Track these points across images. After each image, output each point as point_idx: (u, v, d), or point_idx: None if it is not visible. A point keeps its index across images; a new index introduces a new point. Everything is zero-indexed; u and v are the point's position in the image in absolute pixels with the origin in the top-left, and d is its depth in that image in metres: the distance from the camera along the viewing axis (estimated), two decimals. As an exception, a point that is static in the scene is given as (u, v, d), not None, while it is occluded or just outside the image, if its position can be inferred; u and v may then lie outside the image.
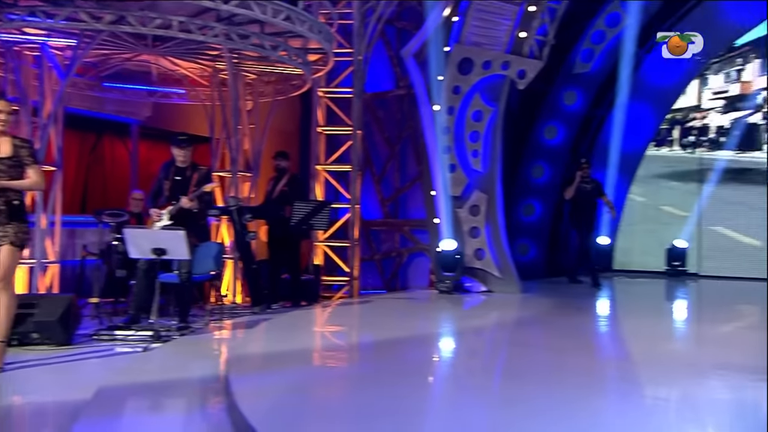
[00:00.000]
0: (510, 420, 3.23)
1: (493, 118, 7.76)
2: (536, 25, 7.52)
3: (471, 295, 7.68)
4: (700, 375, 4.32)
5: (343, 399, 3.76)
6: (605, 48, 10.10)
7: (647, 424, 3.25)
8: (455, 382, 4.34)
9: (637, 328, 6.78)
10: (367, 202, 9.65)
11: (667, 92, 10.09)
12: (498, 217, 7.81)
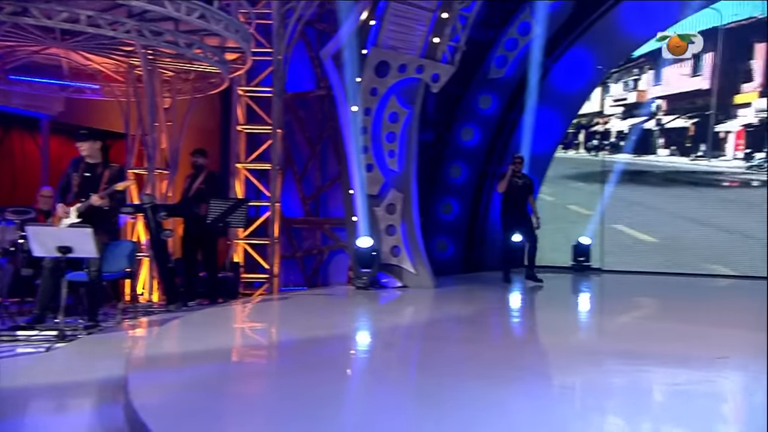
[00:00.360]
0: (424, 410, 3.30)
1: (408, 119, 7.93)
2: (449, 31, 7.73)
3: (387, 291, 7.81)
4: (600, 363, 4.54)
5: (249, 394, 3.75)
6: (518, 55, 10.49)
7: (553, 410, 3.38)
8: (371, 374, 4.38)
9: (545, 320, 7.09)
10: (288, 201, 9.64)
11: (574, 98, 10.58)
12: (413, 215, 7.99)
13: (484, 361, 4.47)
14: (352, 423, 3.14)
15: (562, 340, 5.55)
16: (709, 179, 10.20)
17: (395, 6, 7.71)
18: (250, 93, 8.54)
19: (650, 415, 3.43)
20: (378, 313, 7.06)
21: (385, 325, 6.41)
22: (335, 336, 5.48)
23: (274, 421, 3.11)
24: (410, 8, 7.67)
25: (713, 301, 8.25)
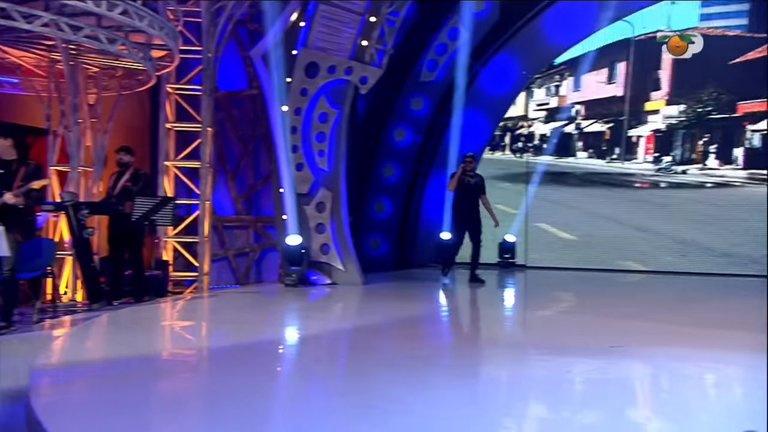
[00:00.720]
0: (352, 403, 3.34)
1: (337, 119, 7.96)
2: (377, 35, 7.81)
3: (316, 288, 7.82)
4: (523, 354, 4.74)
5: (161, 392, 3.70)
6: (447, 59, 10.68)
7: (479, 401, 3.49)
8: (296, 371, 4.38)
9: (472, 315, 7.29)
10: (220, 199, 9.51)
11: (500, 102, 10.86)
12: (342, 213, 8.03)
13: (410, 356, 4.52)
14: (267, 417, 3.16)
15: (487, 333, 5.72)
16: (622, 180, 10.72)
17: (324, 8, 7.73)
18: (179, 91, 8.37)
19: (546, 401, 3.62)
20: (305, 310, 7.03)
21: (311, 322, 6.42)
22: (257, 333, 5.45)
23: (180, 418, 3.09)
24: (339, 11, 7.70)
25: (624, 295, 8.66)
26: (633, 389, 4.03)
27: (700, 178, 10.33)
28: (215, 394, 3.44)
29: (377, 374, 3.95)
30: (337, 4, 7.71)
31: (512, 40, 10.53)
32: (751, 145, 10.08)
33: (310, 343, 5.29)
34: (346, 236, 8.02)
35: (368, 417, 3.09)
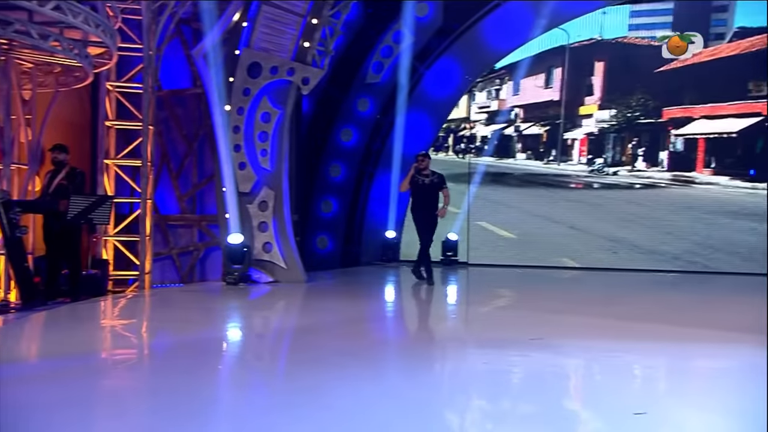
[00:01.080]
0: (291, 399, 3.34)
1: (279, 119, 7.93)
2: (318, 36, 7.82)
3: (258, 286, 7.78)
4: (453, 349, 4.84)
5: (94, 388, 3.63)
6: (393, 62, 10.77)
7: (420, 395, 3.53)
8: (241, 366, 4.36)
9: (415, 311, 7.33)
10: (164, 198, 9.32)
11: (443, 104, 11.02)
12: (284, 212, 8.01)
13: (341, 353, 4.57)
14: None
15: (430, 328, 5.79)
16: (558, 181, 11.04)
17: (267, 9, 7.69)
18: (120, 88, 8.17)
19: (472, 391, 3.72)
20: (243, 308, 6.96)
21: (247, 320, 6.40)
22: (192, 331, 5.39)
23: (119, 416, 3.04)
24: (281, 12, 7.68)
25: (558, 291, 8.91)
26: (552, 379, 4.17)
27: (629, 179, 10.74)
28: (143, 391, 3.40)
29: (303, 371, 3.97)
30: (280, 5, 7.68)
31: (455, 44, 10.69)
32: (675, 148, 10.54)
33: (243, 341, 5.27)
34: (288, 235, 8.00)
35: (290, 413, 3.12)
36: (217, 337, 5.46)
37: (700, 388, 3.96)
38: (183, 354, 4.43)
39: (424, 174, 8.05)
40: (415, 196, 8.13)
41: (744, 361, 4.42)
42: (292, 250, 8.00)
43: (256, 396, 3.54)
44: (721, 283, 9.24)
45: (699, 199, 10.21)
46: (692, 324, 5.77)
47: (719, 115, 10.11)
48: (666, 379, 4.30)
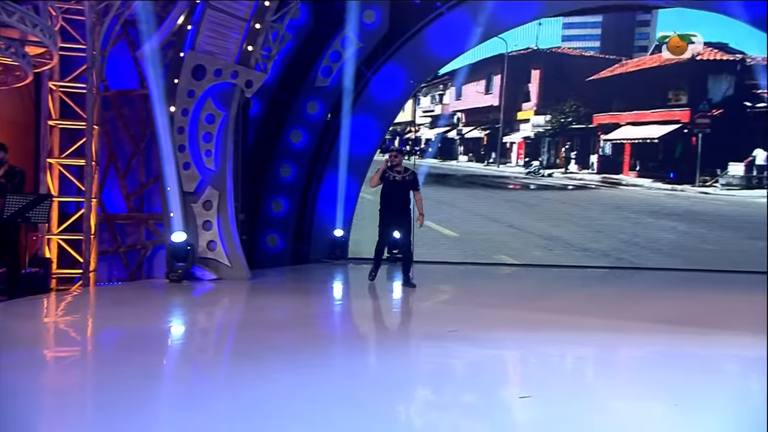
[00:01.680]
0: (206, 391, 3.36)
1: (223, 121, 7.87)
2: (261, 40, 7.80)
3: (201, 283, 7.70)
4: (408, 340, 4.90)
5: (34, 384, 3.55)
6: (341, 66, 10.83)
7: (355, 388, 3.56)
8: (183, 359, 4.32)
9: (358, 306, 7.32)
10: (112, 197, 9.15)
11: (389, 108, 11.10)
12: (228, 211, 7.95)
13: (265, 347, 4.56)
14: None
15: (372, 323, 5.80)
16: (497, 182, 11.29)
17: (211, 13, 7.62)
18: (63, 88, 7.98)
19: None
20: (181, 305, 6.84)
21: (185, 315, 6.32)
22: (127, 326, 5.31)
23: (60, 412, 2.99)
24: (225, 16, 7.62)
25: (496, 286, 9.10)
26: (483, 368, 4.26)
27: (563, 180, 11.07)
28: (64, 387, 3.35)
29: (225, 364, 3.98)
30: (224, 9, 7.63)
31: (400, 50, 10.80)
32: (604, 152, 10.93)
33: (174, 336, 5.22)
34: (232, 233, 7.95)
35: (200, 404, 3.14)
36: (149, 333, 5.40)
37: (625, 375, 4.12)
38: (111, 349, 4.38)
39: (396, 170, 7.46)
40: (385, 192, 7.51)
41: (664, 349, 4.61)
42: (235, 248, 7.96)
43: (173, 388, 3.54)
44: (645, 278, 9.61)
45: (625, 200, 10.61)
46: (618, 316, 5.97)
47: (643, 122, 10.54)
48: (591, 366, 4.45)
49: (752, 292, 7.90)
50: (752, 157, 10.19)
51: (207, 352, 4.52)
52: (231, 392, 3.31)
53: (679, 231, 10.12)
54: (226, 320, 6.13)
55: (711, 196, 10.28)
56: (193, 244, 7.65)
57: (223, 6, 7.62)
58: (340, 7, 10.30)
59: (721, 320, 5.91)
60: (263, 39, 7.76)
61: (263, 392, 3.37)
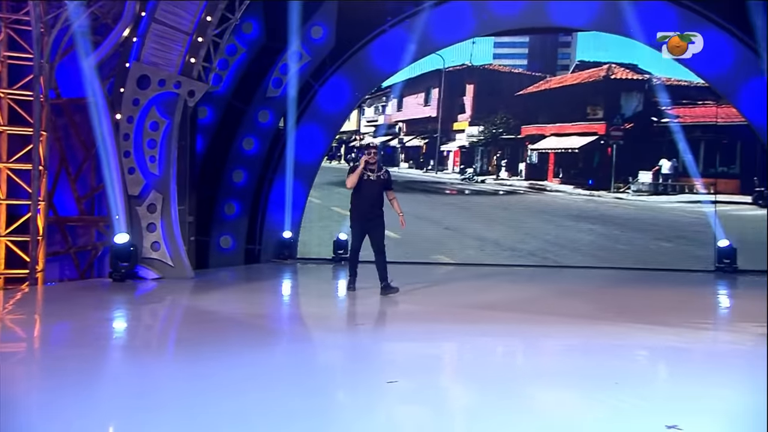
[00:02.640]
0: (97, 384, 3.40)
1: (167, 128, 7.88)
2: (204, 53, 7.84)
3: (144, 282, 7.69)
4: (341, 329, 4.98)
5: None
6: (290, 78, 10.95)
7: (240, 379, 3.59)
8: (130, 353, 4.32)
9: (278, 302, 7.30)
10: (64, 200, 9.05)
11: (336, 118, 11.24)
12: (172, 214, 7.96)
13: (185, 338, 4.64)
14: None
15: (308, 316, 5.82)
16: (436, 188, 11.54)
17: (156, 27, 7.65)
18: (12, 95, 7.87)
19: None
20: (128, 302, 6.76)
21: (139, 311, 6.29)
22: (59, 323, 5.28)
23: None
24: (169, 30, 7.65)
25: (433, 283, 9.24)
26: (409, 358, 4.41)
27: (494, 186, 11.38)
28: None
29: (131, 357, 4.00)
30: (168, 23, 7.65)
31: (346, 64, 10.96)
32: (531, 161, 11.29)
33: (97, 332, 5.17)
34: (175, 235, 7.96)
35: (86, 394, 3.19)
36: (70, 328, 5.36)
37: (548, 363, 4.29)
38: (35, 344, 4.38)
39: (370, 169, 6.65)
40: (358, 192, 6.69)
41: (583, 340, 4.80)
42: (178, 249, 7.97)
43: (73, 381, 3.57)
44: (567, 275, 9.95)
45: (549, 204, 10.97)
46: (542, 311, 6.16)
47: (565, 134, 10.94)
48: (518, 356, 4.64)
49: (659, 287, 8.34)
50: (658, 166, 10.68)
51: (115, 344, 4.53)
52: (117, 381, 3.37)
53: (597, 233, 10.53)
54: (150, 316, 6.11)
55: (624, 202, 10.72)
56: (137, 244, 7.64)
57: (167, 20, 7.64)
58: (290, 22, 10.41)
59: (632, 313, 6.16)
60: (205, 51, 7.80)
61: (148, 380, 3.43)
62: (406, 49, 10.67)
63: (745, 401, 3.26)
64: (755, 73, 9.07)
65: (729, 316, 6.97)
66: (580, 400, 3.31)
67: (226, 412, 2.92)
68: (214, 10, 7.71)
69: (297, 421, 2.81)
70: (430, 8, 10.56)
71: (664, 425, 2.73)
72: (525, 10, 10.40)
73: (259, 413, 2.92)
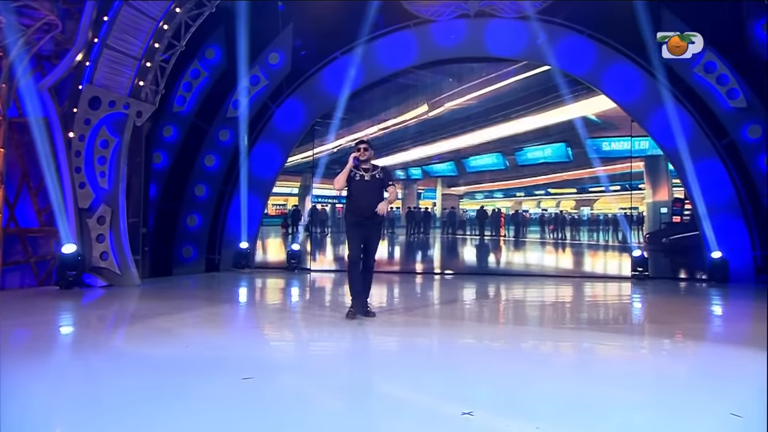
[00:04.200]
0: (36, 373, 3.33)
1: (117, 146, 7.87)
2: (151, 77, 7.87)
3: (92, 289, 7.61)
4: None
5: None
6: (249, 100, 11.00)
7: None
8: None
9: (207, 307, 6.98)
10: (25, 212, 8.96)
11: (290, 137, 11.28)
12: (120, 226, 7.91)
13: (120, 341, 4.59)
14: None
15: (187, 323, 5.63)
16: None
17: (107, 52, 7.67)
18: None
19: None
20: (73, 308, 6.69)
21: (87, 316, 6.20)
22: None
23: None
24: (120, 55, 7.67)
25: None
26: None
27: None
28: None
29: (40, 351, 3.98)
30: (118, 49, 7.68)
31: (300, 88, 11.06)
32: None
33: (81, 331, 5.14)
34: (123, 245, 7.91)
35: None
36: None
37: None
38: None
39: (364, 168, 5.31)
40: (352, 195, 5.31)
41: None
42: (126, 258, 7.91)
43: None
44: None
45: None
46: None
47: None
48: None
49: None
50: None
51: (40, 343, 4.49)
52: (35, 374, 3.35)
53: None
54: (81, 319, 6.04)
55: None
56: (84, 254, 7.57)
57: (117, 46, 7.67)
58: (249, 49, 10.50)
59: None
60: (153, 75, 7.83)
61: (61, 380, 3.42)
62: (355, 75, 10.81)
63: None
64: (661, 101, 9.30)
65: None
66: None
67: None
68: (162, 38, 7.75)
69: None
70: (378, 37, 10.74)
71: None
72: (464, 41, 10.61)
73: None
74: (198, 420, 2.81)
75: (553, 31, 10.05)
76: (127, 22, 7.54)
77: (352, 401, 3.20)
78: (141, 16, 7.58)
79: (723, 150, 9.10)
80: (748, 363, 4.08)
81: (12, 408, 2.93)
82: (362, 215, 5.28)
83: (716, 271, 9.07)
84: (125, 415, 2.86)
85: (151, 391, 3.23)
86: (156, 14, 7.60)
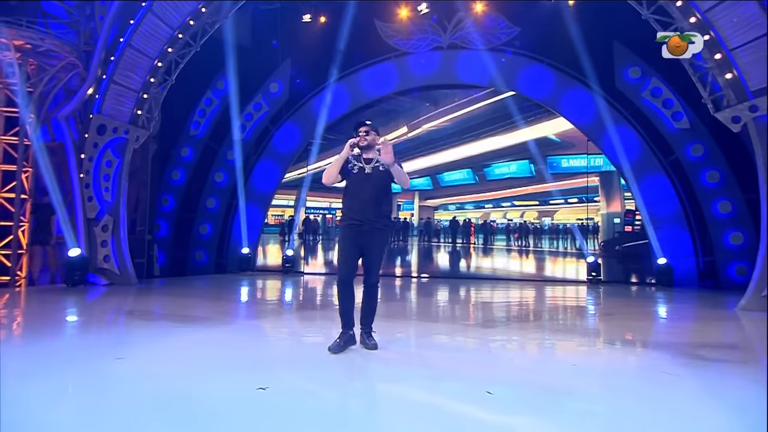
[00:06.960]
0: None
1: (119, 165, 8.16)
2: (147, 107, 8.12)
3: (95, 287, 7.86)
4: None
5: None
6: (253, 124, 11.23)
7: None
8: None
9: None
10: (57, 220, 9.39)
11: (287, 156, 11.41)
12: (120, 233, 8.17)
13: (95, 331, 4.60)
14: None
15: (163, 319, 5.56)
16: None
17: (113, 87, 7.98)
18: (5, 140, 8.29)
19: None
20: (80, 303, 6.80)
21: (91, 309, 6.18)
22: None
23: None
24: (123, 89, 7.97)
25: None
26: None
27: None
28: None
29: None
30: (122, 84, 7.98)
31: (296, 113, 11.18)
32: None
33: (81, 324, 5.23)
34: (123, 249, 8.16)
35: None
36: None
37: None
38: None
39: (365, 158, 3.73)
40: (349, 192, 3.74)
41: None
42: (125, 261, 8.16)
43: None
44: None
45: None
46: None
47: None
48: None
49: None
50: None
51: (30, 328, 4.58)
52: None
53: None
54: (78, 309, 6.15)
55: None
56: (89, 257, 7.86)
57: (121, 81, 7.97)
58: (253, 80, 10.76)
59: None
60: (148, 105, 8.07)
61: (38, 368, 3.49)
62: (342, 102, 10.83)
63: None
64: (613, 122, 8.84)
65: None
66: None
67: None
68: (156, 73, 8.01)
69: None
70: (363, 68, 10.75)
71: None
72: (439, 71, 10.47)
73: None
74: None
75: (517, 61, 9.77)
76: (129, 60, 7.83)
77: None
78: (140, 55, 7.86)
79: (669, 167, 8.58)
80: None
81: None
82: (361, 217, 3.63)
83: (662, 275, 8.59)
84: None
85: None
86: (152, 54, 7.87)
